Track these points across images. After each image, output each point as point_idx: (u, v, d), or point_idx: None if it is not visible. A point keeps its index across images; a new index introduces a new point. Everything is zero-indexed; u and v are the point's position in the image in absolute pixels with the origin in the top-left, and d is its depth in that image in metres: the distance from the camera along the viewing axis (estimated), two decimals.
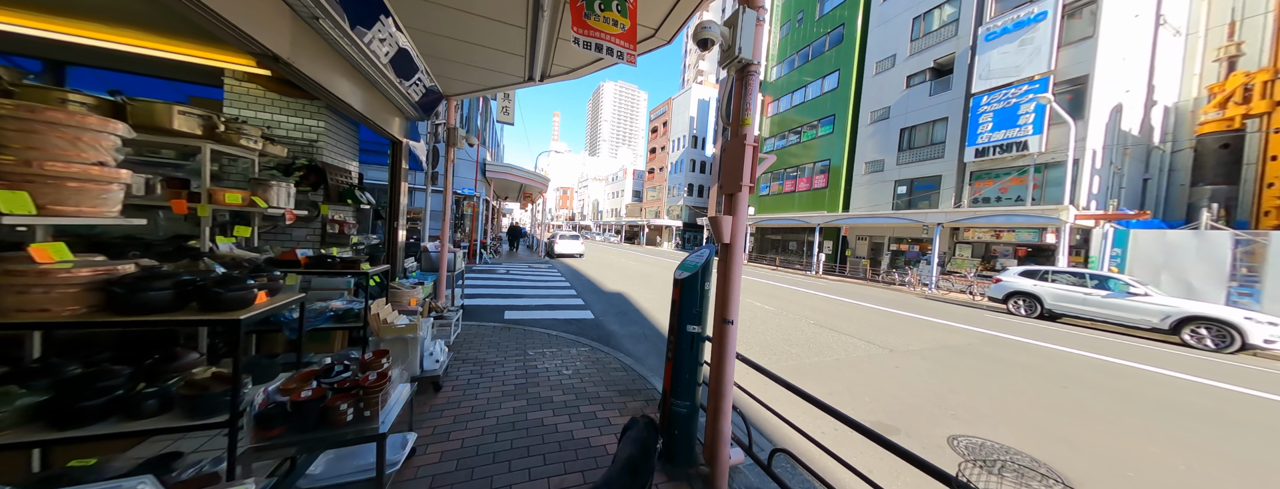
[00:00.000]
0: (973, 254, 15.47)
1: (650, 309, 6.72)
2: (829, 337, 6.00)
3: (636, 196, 56.03)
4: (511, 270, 11.11)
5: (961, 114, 15.83)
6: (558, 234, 18.85)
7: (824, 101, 22.80)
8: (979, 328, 7.82)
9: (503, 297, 6.99)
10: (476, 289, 7.56)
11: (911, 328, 7.25)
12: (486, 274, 9.54)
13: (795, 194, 24.30)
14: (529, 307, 6.26)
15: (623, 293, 8.36)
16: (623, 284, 9.84)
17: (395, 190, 4.18)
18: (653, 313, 6.42)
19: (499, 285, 8.15)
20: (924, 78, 17.59)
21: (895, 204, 18.12)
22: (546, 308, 6.30)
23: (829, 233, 21.22)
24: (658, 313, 6.45)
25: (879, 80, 19.58)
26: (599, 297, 7.68)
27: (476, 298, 6.77)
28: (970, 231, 15.17)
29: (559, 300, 6.88)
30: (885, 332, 6.68)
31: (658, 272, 14.00)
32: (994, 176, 14.82)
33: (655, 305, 7.31)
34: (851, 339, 5.94)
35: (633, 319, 6.02)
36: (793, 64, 25.88)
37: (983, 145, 14.78)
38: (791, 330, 6.23)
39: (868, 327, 6.99)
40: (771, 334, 5.92)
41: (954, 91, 16.27)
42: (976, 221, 13.59)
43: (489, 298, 6.88)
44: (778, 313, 7.54)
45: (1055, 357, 5.60)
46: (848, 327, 6.82)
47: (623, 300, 7.42)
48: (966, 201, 15.43)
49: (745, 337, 5.52)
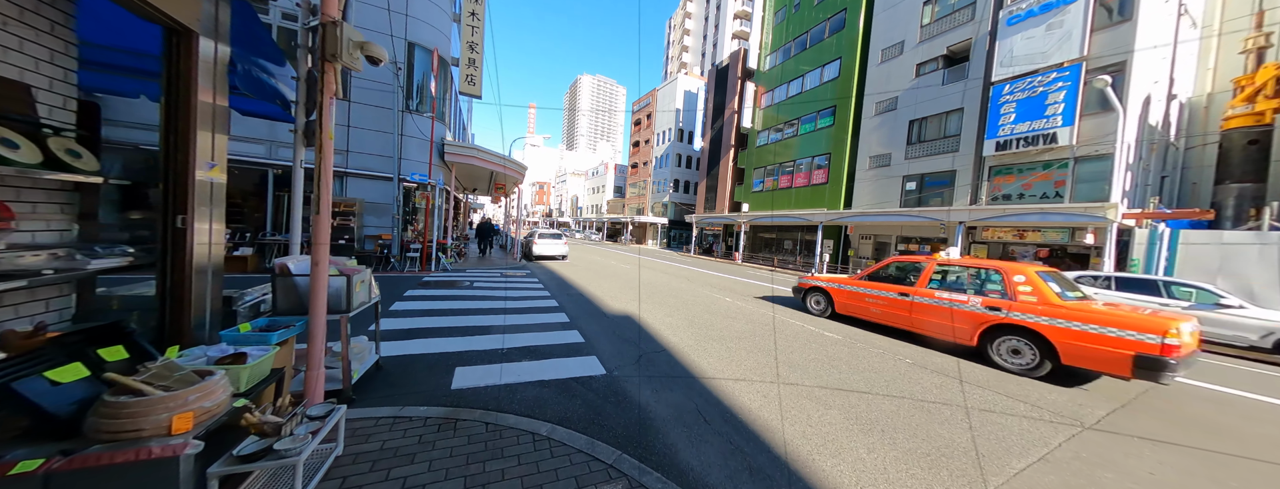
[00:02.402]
0: (989, 255, 14.40)
1: (682, 345, 4.75)
2: (891, 364, 4.27)
3: (618, 192, 53.87)
4: (479, 281, 8.88)
5: (979, 104, 14.67)
6: (537, 232, 16.57)
7: (823, 92, 21.44)
8: None
9: (459, 331, 4.72)
10: (419, 320, 5.13)
11: None
12: (443, 290, 7.31)
13: (792, 190, 22.92)
14: (498, 353, 4.04)
15: (630, 314, 6.37)
16: (626, 298, 7.84)
17: (179, 143, 2.07)
18: (692, 353, 4.47)
19: (458, 307, 5.93)
20: (936, 66, 16.39)
21: (904, 201, 16.91)
22: (527, 353, 4.10)
23: (829, 231, 19.94)
24: (700, 352, 4.47)
25: (885, 69, 18.32)
26: (601, 323, 5.64)
27: (413, 339, 4.32)
28: (990, 231, 14.05)
29: (545, 333, 4.75)
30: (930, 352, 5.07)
31: (663, 279, 12.06)
32: (1016, 172, 13.72)
33: (686, 336, 5.39)
34: (927, 375, 4.22)
35: (666, 369, 3.88)
36: (788, 52, 24.44)
37: (1004, 138, 13.63)
38: (857, 359, 4.48)
39: (910, 346, 5.38)
40: (847, 373, 4.15)
41: (970, 80, 15.10)
42: (1005, 221, 12.39)
43: (435, 337, 4.42)
44: (816, 332, 5.80)
45: (1151, 389, 4.11)
46: (897, 346, 5.17)
47: (637, 330, 5.43)
48: (985, 198, 14.30)
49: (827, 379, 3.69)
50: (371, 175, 10.10)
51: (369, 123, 10.04)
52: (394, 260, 9.66)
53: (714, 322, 6.22)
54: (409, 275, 9.13)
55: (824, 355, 4.74)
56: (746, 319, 6.51)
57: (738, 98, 28.49)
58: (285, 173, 9.65)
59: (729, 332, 5.62)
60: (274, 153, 9.28)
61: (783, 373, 4.01)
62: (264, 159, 9.18)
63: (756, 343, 5.06)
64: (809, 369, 4.19)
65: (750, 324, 6.11)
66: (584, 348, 4.45)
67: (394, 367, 3.58)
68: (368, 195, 10.12)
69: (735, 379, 3.75)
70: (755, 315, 6.95)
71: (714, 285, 11.12)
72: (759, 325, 6.06)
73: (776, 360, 4.37)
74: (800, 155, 22.56)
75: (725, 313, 6.95)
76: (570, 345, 4.49)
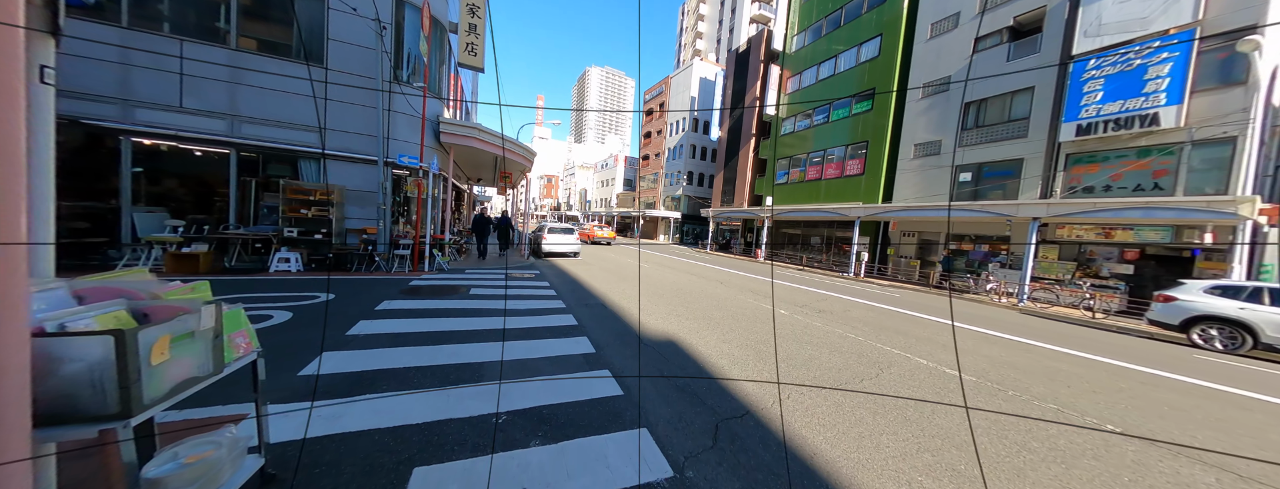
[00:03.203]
0: (1061, 257, 12.56)
1: (773, 399, 3.13)
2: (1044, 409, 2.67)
3: (628, 185, 52.17)
4: (478, 286, 7.35)
5: (1055, 83, 12.72)
6: (546, 226, 15.03)
7: (860, 73, 19.46)
8: (1175, 373, 4.74)
9: (435, 375, 3.13)
10: (382, 353, 3.49)
11: (1097, 375, 4.05)
12: (430, 299, 5.73)
13: (821, 182, 21.08)
14: (489, 425, 2.46)
15: (674, 338, 4.79)
16: (659, 311, 6.26)
17: None
18: (804, 419, 2.83)
19: (442, 329, 4.30)
20: (999, 39, 14.38)
21: (956, 193, 15.03)
22: (537, 424, 2.50)
23: (865, 228, 18.12)
24: (819, 420, 2.81)
25: (935, 45, 16.31)
26: (641, 357, 4.06)
27: (360, 395, 2.72)
28: (1065, 229, 12.19)
29: (564, 381, 3.18)
30: (1074, 384, 3.43)
31: (691, 281, 10.45)
32: (1102, 159, 11.80)
33: (769, 377, 3.79)
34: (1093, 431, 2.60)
35: (771, 461, 2.30)
36: (819, 31, 22.40)
37: (1088, 120, 11.70)
38: None
39: (1029, 375, 3.75)
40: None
41: (1044, 54, 13.12)
42: (1093, 216, 10.52)
43: (395, 389, 2.86)
44: (878, 346, 4.16)
45: None
46: (1010, 375, 3.54)
47: (694, 363, 3.82)
48: (1059, 191, 12.42)
49: None
50: (354, 158, 8.59)
51: (351, 95, 8.51)
52: (380, 259, 8.18)
53: (805, 356, 4.60)
54: (396, 277, 7.65)
55: None
56: (880, 362, 4.85)
57: (760, 83, 26.52)
58: (255, 154, 8.19)
59: (837, 377, 4.01)
60: (237, 130, 7.81)
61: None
62: (225, 136, 7.71)
63: None
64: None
65: (923, 378, 4.36)
66: (625, 409, 2.87)
67: (304, 470, 2.03)
68: (350, 181, 8.63)
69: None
70: (877, 352, 5.30)
71: (754, 291, 9.49)
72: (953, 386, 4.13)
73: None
74: (831, 144, 20.66)
75: (816, 340, 5.32)
76: (605, 406, 2.90)
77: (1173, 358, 5.98)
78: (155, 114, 7.33)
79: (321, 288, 6.16)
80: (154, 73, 7.29)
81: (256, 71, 7.83)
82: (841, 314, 7.18)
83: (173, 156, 8.01)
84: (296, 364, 3.19)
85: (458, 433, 2.40)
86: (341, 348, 3.62)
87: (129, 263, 6.88)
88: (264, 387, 1.78)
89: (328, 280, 6.79)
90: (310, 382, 2.87)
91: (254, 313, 4.45)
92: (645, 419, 2.74)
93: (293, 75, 8.04)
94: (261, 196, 8.31)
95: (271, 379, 2.85)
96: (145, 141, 7.45)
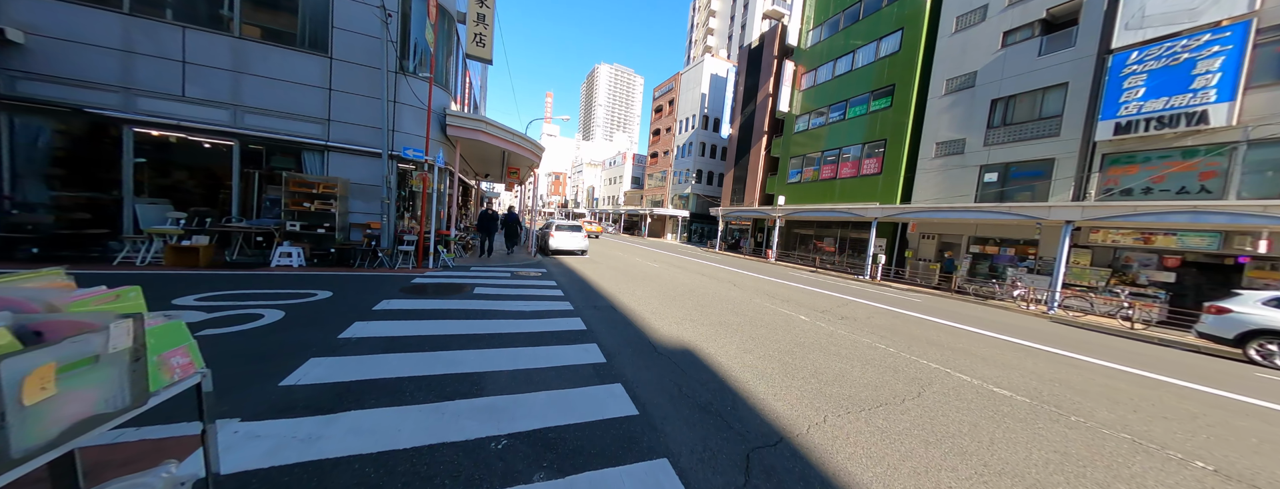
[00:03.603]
0: (1093, 262, 11.92)
1: (808, 423, 2.74)
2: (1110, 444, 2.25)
3: (636, 183, 51.80)
4: (482, 284, 7.06)
5: (1091, 78, 12.05)
6: (554, 223, 14.72)
7: (879, 69, 18.82)
8: (1242, 394, 4.27)
9: (431, 386, 2.81)
10: (375, 361, 3.18)
11: (1160, 396, 3.58)
12: (431, 299, 5.40)
13: (836, 182, 20.48)
14: (487, 451, 2.13)
15: (691, 348, 4.42)
16: (673, 316, 5.91)
17: None
18: (836, 447, 2.46)
19: (441, 332, 3.98)
20: (1031, 33, 13.69)
21: (981, 194, 14.41)
22: (541, 451, 2.18)
23: (882, 229, 17.53)
24: (853, 448, 2.47)
25: (961, 39, 15.63)
26: (657, 368, 3.63)
27: (343, 407, 2.44)
28: (1099, 233, 11.55)
29: (573, 395, 2.86)
30: (1141, 407, 2.99)
31: (703, 283, 10.08)
32: (1142, 160, 11.13)
33: (797, 396, 3.38)
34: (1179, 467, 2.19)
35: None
36: (836, 26, 21.75)
37: (1128, 118, 11.04)
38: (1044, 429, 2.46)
39: (1087, 396, 3.29)
40: None
41: (1079, 48, 12.43)
42: (1134, 221, 9.89)
43: (384, 405, 2.53)
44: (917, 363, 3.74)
45: None
46: (1066, 395, 3.10)
47: (716, 386, 3.44)
48: (1094, 192, 11.77)
49: None
50: (358, 150, 8.34)
51: (356, 85, 8.25)
52: (383, 255, 7.94)
53: (836, 370, 4.22)
54: (399, 274, 7.39)
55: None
56: (919, 378, 4.44)
57: (773, 79, 25.90)
58: (257, 144, 7.99)
59: (876, 396, 3.62)
60: (240, 119, 7.60)
61: None
62: (227, 126, 7.50)
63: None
64: None
65: (953, 398, 3.71)
66: (643, 433, 2.52)
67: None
68: (354, 175, 8.39)
69: None
70: (913, 366, 4.90)
71: (770, 294, 9.08)
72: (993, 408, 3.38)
73: None
74: (847, 142, 20.05)
75: (844, 352, 4.92)
76: (619, 429, 2.55)
77: (1232, 376, 5.46)
78: (157, 103, 7.14)
79: (322, 284, 5.92)
80: (156, 61, 7.10)
81: (260, 60, 7.61)
82: (865, 321, 6.75)
83: (178, 148, 7.85)
84: (280, 371, 2.90)
85: (451, 462, 2.08)
86: (331, 353, 3.32)
87: (129, 255, 6.71)
88: (237, 400, 1.46)
89: (330, 276, 6.57)
90: (291, 394, 2.57)
91: (245, 311, 4.19)
92: (665, 446, 2.39)
93: (297, 64, 7.81)
94: (265, 189, 8.12)
95: (248, 390, 2.56)
96: (149, 132, 7.28)
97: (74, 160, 7.19)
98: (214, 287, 5.25)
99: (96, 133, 7.21)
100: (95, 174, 7.32)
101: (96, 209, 7.24)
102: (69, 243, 6.77)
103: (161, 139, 7.53)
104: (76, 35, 6.73)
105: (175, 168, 8.25)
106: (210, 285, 5.31)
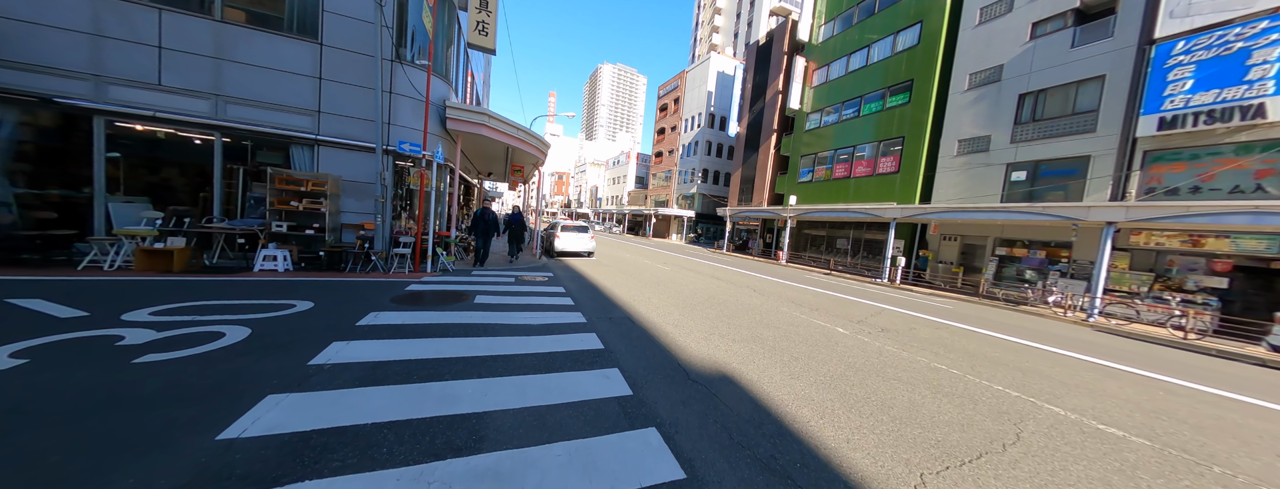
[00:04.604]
0: (1131, 266, 11.20)
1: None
2: None
3: (640, 183, 51.14)
4: (483, 291, 6.43)
5: (1131, 70, 11.32)
6: (559, 224, 14.09)
7: (896, 64, 18.10)
8: None
9: (417, 432, 2.18)
10: (352, 395, 2.54)
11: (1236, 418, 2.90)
12: (426, 310, 4.74)
13: (850, 181, 19.78)
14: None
15: (728, 373, 3.77)
16: (697, 330, 5.27)
17: None
18: None
19: (433, 355, 3.34)
20: (1062, 23, 12.96)
21: (1008, 194, 13.69)
22: None
23: (900, 230, 16.82)
24: None
25: (985, 31, 14.92)
26: (692, 402, 2.96)
27: (298, 468, 1.77)
28: (1141, 235, 10.83)
29: (597, 447, 2.17)
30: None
31: (721, 289, 9.43)
32: (1189, 157, 10.39)
33: (871, 445, 2.68)
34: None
35: None
36: (850, 19, 21.04)
37: (1173, 112, 10.32)
38: None
39: (1209, 435, 2.63)
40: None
41: (1117, 39, 11.71)
42: (1188, 222, 9.17)
43: (356, 469, 1.82)
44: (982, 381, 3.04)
45: None
46: (1184, 434, 2.44)
47: (770, 416, 2.77)
48: (1135, 191, 11.04)
49: None
50: (351, 145, 7.72)
51: (349, 74, 7.64)
52: (376, 259, 7.31)
53: (905, 401, 3.57)
54: (393, 279, 6.77)
55: None
56: (1007, 411, 3.66)
57: (783, 75, 25.20)
58: (242, 139, 7.39)
59: (967, 440, 2.96)
60: (222, 111, 6.99)
61: None
62: (208, 118, 6.90)
63: None
64: None
65: None
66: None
67: None
68: (346, 171, 7.77)
69: None
70: (990, 394, 4.23)
71: (795, 301, 8.41)
72: None
73: None
74: (862, 140, 19.34)
75: (904, 375, 4.27)
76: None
77: (1244, 378, 4.76)
78: (131, 92, 6.55)
79: (306, 292, 5.30)
80: (130, 46, 6.51)
81: (244, 46, 7.00)
82: (909, 334, 6.08)
83: (158, 142, 7.26)
84: (223, 416, 2.26)
85: None
86: (296, 387, 2.68)
87: (96, 259, 6.12)
88: (147, 467, 0.85)
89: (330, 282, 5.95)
90: (229, 453, 1.94)
91: (203, 329, 3.56)
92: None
93: (284, 51, 7.20)
94: (250, 187, 7.51)
95: (170, 447, 1.93)
96: (127, 125, 6.68)
97: (41, 154, 6.61)
98: (180, 296, 4.64)
99: (66, 125, 6.63)
100: (65, 170, 6.73)
101: (66, 208, 6.66)
102: (31, 245, 6.18)
103: (139, 132, 6.94)
104: (42, 17, 6.14)
105: (155, 164, 7.66)
106: (176, 294, 4.70)
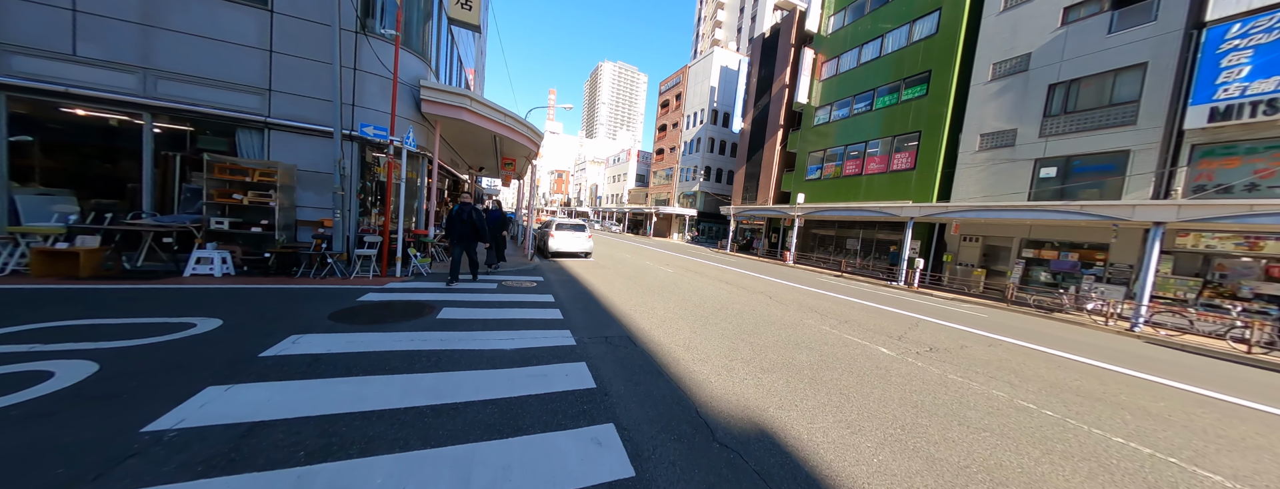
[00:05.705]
0: (1175, 271, 10.25)
1: None
2: None
3: (641, 181, 50.11)
4: (455, 303, 5.43)
5: (1177, 57, 10.36)
6: (554, 222, 13.08)
7: (912, 54, 17.12)
8: None
9: None
10: (215, 484, 1.46)
11: None
12: (378, 330, 3.70)
13: (862, 178, 18.80)
14: None
15: (760, 421, 2.80)
16: (714, 352, 4.29)
17: None
18: None
19: (367, 404, 2.30)
20: (1098, 7, 12.00)
21: (1036, 192, 12.73)
22: None
23: (917, 230, 15.86)
24: None
25: (1010, 18, 13.94)
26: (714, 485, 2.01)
27: None
28: (1189, 237, 9.90)
29: None
30: None
31: (732, 296, 8.44)
32: (1244, 152, 9.44)
33: None
34: None
35: None
36: (862, 9, 20.04)
37: (1227, 102, 9.36)
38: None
39: None
40: None
41: (1161, 23, 10.74)
42: (1252, 222, 8.22)
43: None
44: None
45: None
46: None
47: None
48: (1182, 189, 10.09)
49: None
50: (309, 129, 6.69)
51: (304, 47, 6.60)
52: (333, 262, 6.28)
53: (1011, 466, 2.59)
54: (351, 286, 5.76)
55: None
56: (1137, 473, 2.69)
57: (790, 69, 24.18)
58: (177, 120, 6.35)
59: None
60: (152, 87, 5.96)
61: None
62: (134, 95, 5.86)
63: None
64: None
65: None
66: None
67: None
68: (303, 160, 6.74)
69: None
70: (1104, 446, 3.21)
71: (818, 310, 7.42)
72: None
73: None
74: (875, 135, 18.36)
75: (984, 420, 3.27)
76: None
77: None
78: (38, 63, 5.51)
79: (225, 305, 4.28)
80: (37, 7, 5.47)
81: (178, 11, 5.97)
82: (961, 353, 5.10)
83: (86, 126, 6.22)
84: None
85: None
86: (91, 481, 1.67)
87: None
88: None
89: None
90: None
91: (27, 367, 2.54)
92: None
93: (226, 18, 6.16)
94: (189, 177, 6.48)
95: None
96: (37, 100, 5.64)
97: None
98: (55, 312, 3.63)
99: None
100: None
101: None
102: None
103: (61, 113, 5.90)
104: None
105: (82, 150, 6.62)
106: (52, 310, 3.69)
